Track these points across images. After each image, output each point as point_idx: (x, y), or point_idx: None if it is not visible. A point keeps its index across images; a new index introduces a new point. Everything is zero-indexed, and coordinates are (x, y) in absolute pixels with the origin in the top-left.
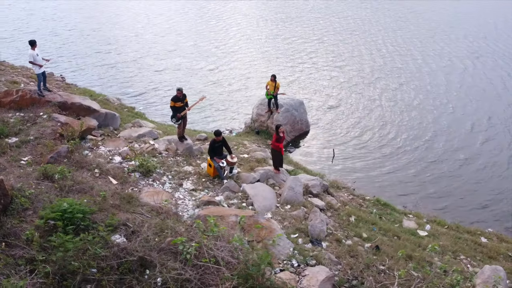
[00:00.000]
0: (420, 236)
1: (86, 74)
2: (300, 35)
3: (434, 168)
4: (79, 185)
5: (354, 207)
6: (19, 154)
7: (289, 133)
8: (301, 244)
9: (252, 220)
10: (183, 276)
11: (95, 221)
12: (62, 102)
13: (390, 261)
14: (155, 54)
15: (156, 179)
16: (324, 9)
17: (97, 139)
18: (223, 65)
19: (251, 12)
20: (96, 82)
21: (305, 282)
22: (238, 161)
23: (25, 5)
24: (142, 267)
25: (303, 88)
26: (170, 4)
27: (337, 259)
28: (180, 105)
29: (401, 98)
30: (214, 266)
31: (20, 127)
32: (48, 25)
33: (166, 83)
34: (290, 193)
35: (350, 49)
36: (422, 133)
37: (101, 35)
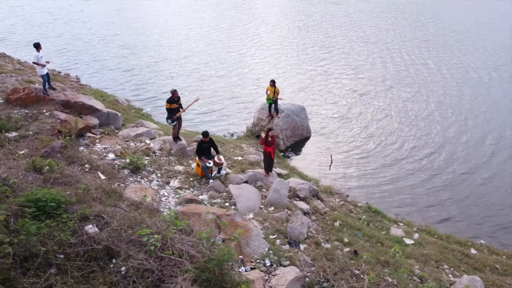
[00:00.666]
0: (406, 244)
1: (102, 76)
2: (315, 43)
3: (436, 180)
4: (66, 178)
5: (343, 212)
6: (16, 147)
7: (289, 138)
8: (278, 245)
9: (228, 218)
10: (144, 266)
11: (72, 211)
12: (65, 100)
13: (366, 266)
14: (170, 59)
15: (145, 176)
16: (342, 17)
17: (95, 136)
18: (234, 71)
19: (269, 19)
20: (110, 85)
21: (274, 281)
22: (231, 163)
23: (52, 9)
24: (108, 256)
25: (312, 94)
26: (192, 11)
27: (311, 261)
28: (175, 107)
29: (411, 109)
30: (177, 258)
31: (22, 123)
32: (72, 29)
33: (176, 88)
34: (274, 195)
35: (363, 58)
36: (428, 145)
37: (121, 40)
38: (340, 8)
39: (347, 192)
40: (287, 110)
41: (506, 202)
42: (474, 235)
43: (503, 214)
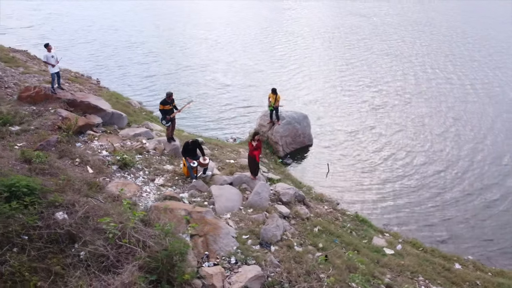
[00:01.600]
0: (384, 253)
1: (122, 81)
2: (338, 54)
3: (439, 198)
4: (53, 169)
5: (328, 219)
6: (16, 140)
7: (289, 145)
8: (249, 245)
9: (199, 215)
10: (100, 252)
11: (46, 198)
12: (71, 99)
13: (333, 270)
14: (191, 67)
15: (132, 173)
16: (368, 30)
17: (94, 134)
18: (251, 80)
19: (295, 30)
20: (128, 89)
21: (234, 277)
22: (222, 165)
23: (87, 17)
24: (71, 240)
25: (326, 105)
26: (221, 20)
27: (278, 263)
28: (168, 108)
29: (427, 123)
30: (132, 247)
31: (27, 118)
32: (103, 36)
33: (190, 95)
34: (255, 197)
35: (384, 71)
36: (438, 162)
37: (148, 47)
38: (367, 21)
39: (339, 200)
40: (288, 117)
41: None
42: (471, 252)
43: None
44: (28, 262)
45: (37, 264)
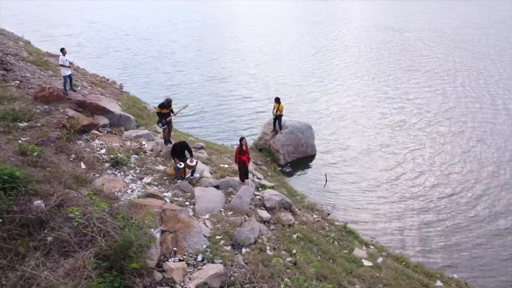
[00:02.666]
0: (362, 265)
1: (146, 89)
2: (365, 69)
3: (446, 223)
4: (46, 162)
5: (313, 228)
6: (21, 135)
7: (291, 154)
8: (220, 245)
9: (172, 213)
10: (63, 237)
11: (27, 187)
12: (81, 101)
13: (299, 275)
14: (217, 78)
15: (123, 171)
16: (400, 45)
17: (97, 133)
18: (270, 93)
19: (327, 44)
20: (149, 96)
21: (195, 274)
22: (215, 169)
23: (123, 27)
24: (41, 226)
25: (342, 120)
26: (262, 30)
27: (245, 264)
28: (165, 112)
29: (448, 146)
30: (94, 235)
31: (36, 116)
32: (137, 45)
33: (208, 107)
34: (237, 200)
35: (411, 87)
36: (452, 184)
37: (176, 57)
38: (401, 36)
39: (331, 211)
40: (291, 126)
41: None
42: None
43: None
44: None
45: (2, 244)
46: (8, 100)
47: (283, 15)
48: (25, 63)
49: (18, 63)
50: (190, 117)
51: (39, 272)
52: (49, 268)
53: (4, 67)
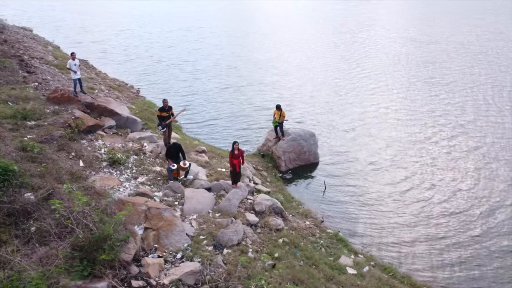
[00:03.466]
0: (345, 272)
1: (163, 95)
2: (391, 85)
3: (444, 241)
4: (45, 159)
5: (302, 234)
6: (28, 133)
7: (292, 161)
8: (203, 245)
9: (157, 211)
10: (44, 228)
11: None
12: (89, 102)
13: (276, 278)
14: (232, 87)
15: (119, 170)
16: (425, 58)
17: (102, 134)
18: (284, 103)
19: (353, 55)
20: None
21: (172, 270)
22: (211, 172)
23: (148, 34)
24: (27, 217)
25: (355, 133)
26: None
27: (224, 264)
28: (165, 115)
29: (463, 161)
30: (73, 227)
31: (45, 115)
32: (160, 53)
33: (221, 114)
34: (225, 203)
35: (439, 102)
36: (460, 203)
37: (197, 65)
38: (424, 47)
39: (326, 219)
40: (294, 134)
41: None
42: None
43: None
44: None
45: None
46: (23, 100)
47: (308, 22)
48: (48, 66)
49: (42, 66)
50: (202, 123)
51: (14, 257)
52: (25, 255)
53: (28, 69)
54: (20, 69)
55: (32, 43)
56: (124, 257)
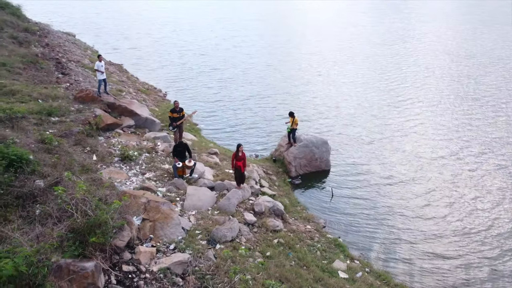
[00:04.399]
0: (336, 276)
1: (189, 101)
2: (420, 96)
3: (450, 262)
4: (61, 151)
5: (301, 237)
6: (50, 127)
7: (303, 167)
8: (197, 239)
9: (155, 204)
10: (47, 211)
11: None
12: (111, 103)
13: (262, 275)
14: (256, 96)
15: (129, 165)
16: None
17: (120, 132)
18: (309, 113)
19: (395, 70)
20: (189, 106)
21: (162, 259)
22: (219, 173)
23: (187, 43)
24: (34, 201)
25: (371, 144)
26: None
27: (214, 258)
28: (176, 116)
29: (489, 180)
30: (72, 211)
31: (68, 113)
32: (192, 60)
33: (244, 121)
34: (225, 202)
35: (471, 118)
36: (477, 224)
37: (225, 73)
38: (466, 62)
39: (326, 224)
40: (306, 140)
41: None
42: None
43: None
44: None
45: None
46: (52, 99)
47: (339, 32)
48: (83, 69)
49: (77, 68)
50: (222, 129)
51: (14, 233)
52: (25, 233)
53: (63, 71)
54: (56, 70)
55: (72, 47)
56: (117, 243)
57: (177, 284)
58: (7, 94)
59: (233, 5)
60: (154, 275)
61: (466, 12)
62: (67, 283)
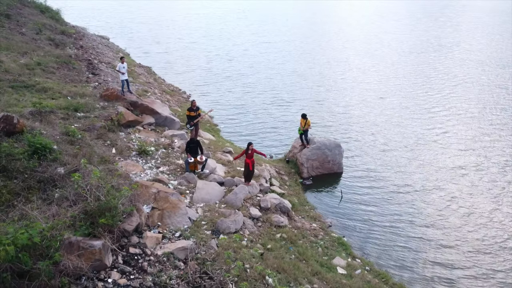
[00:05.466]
0: (335, 271)
1: (211, 103)
2: (451, 107)
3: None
4: (83, 143)
5: (305, 234)
6: (75, 122)
7: (315, 169)
8: (202, 229)
9: (165, 195)
10: (64, 194)
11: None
12: (134, 101)
13: (259, 264)
14: (277, 102)
15: (146, 159)
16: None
17: (140, 129)
18: (326, 122)
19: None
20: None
21: (168, 245)
22: (230, 170)
23: (215, 47)
24: (54, 185)
25: (390, 151)
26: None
27: (216, 247)
28: (193, 114)
29: (500, 193)
30: (87, 196)
31: (93, 109)
32: (219, 65)
33: (264, 124)
34: (232, 196)
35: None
36: (490, 237)
37: (251, 78)
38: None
39: (332, 224)
40: (319, 143)
41: None
42: None
43: None
44: (12, 185)
45: (21, 192)
46: (80, 96)
47: (371, 40)
48: (112, 70)
49: (107, 69)
50: (241, 132)
51: (32, 212)
52: (42, 212)
53: (93, 71)
54: (87, 70)
55: (104, 50)
56: (126, 227)
57: (179, 267)
58: (39, 91)
59: (263, 12)
60: (158, 258)
61: (503, 21)
62: (76, 257)
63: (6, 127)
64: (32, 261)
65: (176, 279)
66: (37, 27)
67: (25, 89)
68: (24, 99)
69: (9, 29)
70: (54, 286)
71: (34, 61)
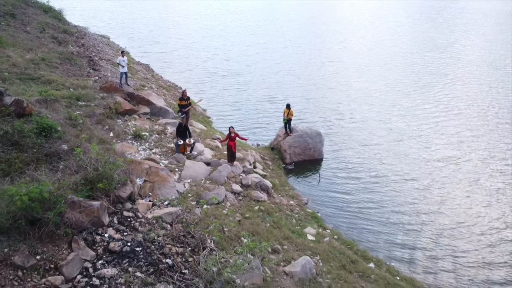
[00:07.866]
0: (304, 237)
1: (207, 101)
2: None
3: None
4: (84, 127)
5: (281, 208)
6: (77, 109)
7: (297, 155)
8: (189, 200)
9: (155, 170)
10: (67, 165)
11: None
12: (131, 92)
13: (236, 228)
14: (274, 99)
15: (140, 142)
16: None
17: (136, 117)
18: (315, 119)
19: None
20: (207, 106)
21: (157, 210)
22: (217, 154)
23: (213, 47)
24: (59, 157)
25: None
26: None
27: (199, 213)
28: (184, 103)
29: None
30: (87, 167)
31: (93, 99)
32: (218, 64)
33: (254, 119)
34: (216, 174)
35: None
36: (475, 232)
37: (246, 77)
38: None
39: (309, 201)
40: (301, 131)
41: None
42: None
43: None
44: (24, 157)
45: (29, 161)
46: (81, 88)
47: (376, 37)
48: (112, 66)
49: (106, 65)
50: (234, 124)
51: (41, 176)
52: (49, 177)
53: (94, 67)
54: (88, 66)
55: (105, 48)
56: (121, 194)
57: (165, 228)
58: (44, 83)
59: (264, 12)
60: (148, 220)
61: (502, 22)
62: (78, 213)
63: (17, 109)
64: (42, 212)
65: (163, 237)
66: (41, 26)
67: (31, 81)
68: (31, 89)
69: (14, 27)
70: (59, 234)
71: (38, 56)
